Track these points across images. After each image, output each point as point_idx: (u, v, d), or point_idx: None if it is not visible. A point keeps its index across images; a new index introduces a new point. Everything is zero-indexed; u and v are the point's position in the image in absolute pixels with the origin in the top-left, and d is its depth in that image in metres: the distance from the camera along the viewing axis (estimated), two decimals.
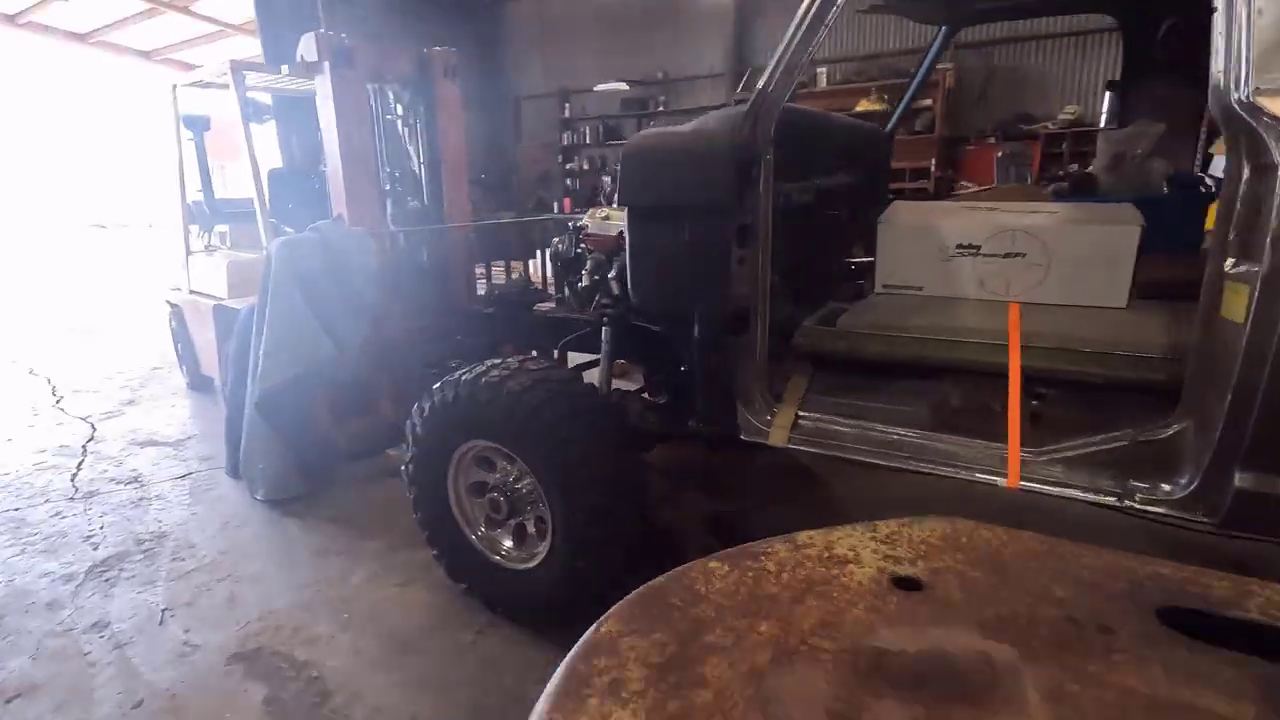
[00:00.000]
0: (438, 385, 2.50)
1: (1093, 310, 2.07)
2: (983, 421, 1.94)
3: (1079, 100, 8.23)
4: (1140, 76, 2.94)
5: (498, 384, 2.34)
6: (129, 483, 3.89)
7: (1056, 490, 1.72)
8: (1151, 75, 2.89)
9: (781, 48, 1.90)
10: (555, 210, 12.07)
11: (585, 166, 12.68)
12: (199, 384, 5.49)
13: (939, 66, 8.73)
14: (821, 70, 9.58)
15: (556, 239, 3.35)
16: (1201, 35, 1.46)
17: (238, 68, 4.24)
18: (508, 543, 2.51)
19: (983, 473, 1.81)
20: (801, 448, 2.04)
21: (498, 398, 2.32)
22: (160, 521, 3.41)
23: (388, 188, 4.46)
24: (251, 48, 11.20)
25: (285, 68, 3.99)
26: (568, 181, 13.00)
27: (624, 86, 11.18)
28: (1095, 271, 2.03)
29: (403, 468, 2.66)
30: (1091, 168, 2.73)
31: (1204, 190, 2.68)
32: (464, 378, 2.41)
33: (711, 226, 1.98)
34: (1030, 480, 1.73)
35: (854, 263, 3.00)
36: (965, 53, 8.79)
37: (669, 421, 2.70)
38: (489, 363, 2.47)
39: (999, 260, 2.04)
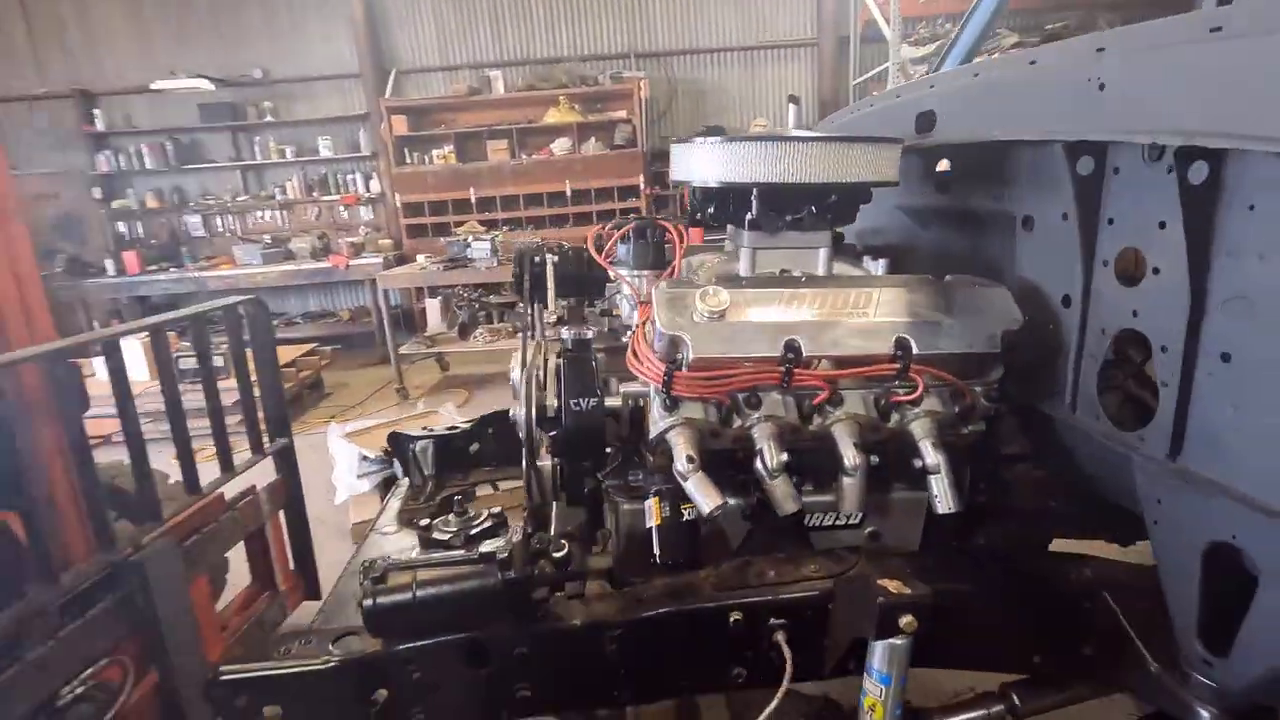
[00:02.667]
0: None
1: None
2: None
3: (765, 113, 8.36)
4: None
5: None
6: None
7: None
8: None
9: None
10: (113, 272, 7.86)
11: (151, 204, 8.58)
12: None
13: (630, 75, 7.98)
14: (495, 74, 7.96)
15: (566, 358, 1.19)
16: None
17: None
18: None
19: None
20: None
21: None
22: None
23: None
24: None
25: None
26: (120, 227, 8.67)
27: (206, 85, 7.74)
28: None
29: None
30: None
31: None
32: None
33: None
34: None
35: None
36: (647, 62, 8.21)
37: None
38: None
39: None
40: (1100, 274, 1.09)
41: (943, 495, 1.18)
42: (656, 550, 1.28)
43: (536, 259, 1.67)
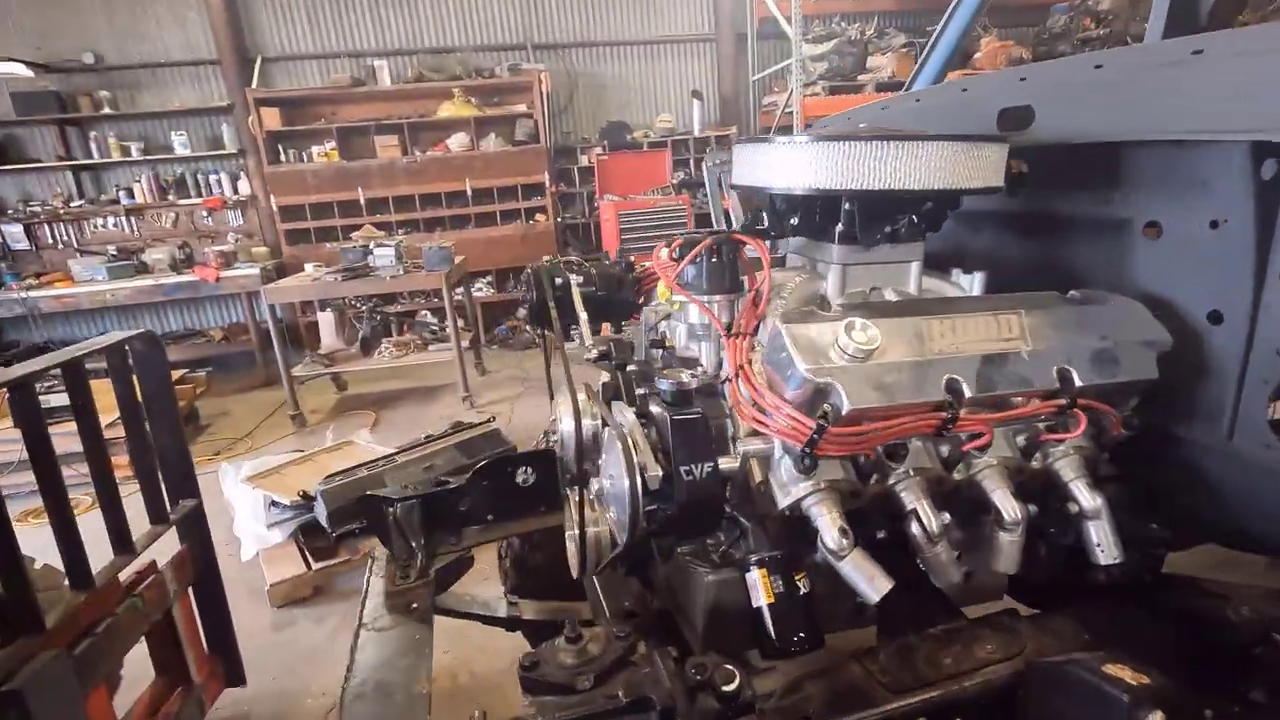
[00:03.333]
0: None
1: None
2: None
3: (669, 109, 8.22)
4: None
5: None
6: None
7: None
8: None
9: None
10: None
11: None
12: None
13: (530, 67, 7.59)
14: (380, 63, 7.28)
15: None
16: None
17: None
18: None
19: None
20: None
21: None
22: None
23: None
24: None
25: None
26: None
27: (22, 71, 6.53)
28: None
29: None
30: None
31: None
32: None
33: None
34: None
35: None
36: (545, 54, 7.84)
37: None
38: None
39: None
40: (1275, 288, 0.98)
41: (1105, 544, 1.04)
42: (772, 634, 1.06)
43: (559, 279, 1.39)
